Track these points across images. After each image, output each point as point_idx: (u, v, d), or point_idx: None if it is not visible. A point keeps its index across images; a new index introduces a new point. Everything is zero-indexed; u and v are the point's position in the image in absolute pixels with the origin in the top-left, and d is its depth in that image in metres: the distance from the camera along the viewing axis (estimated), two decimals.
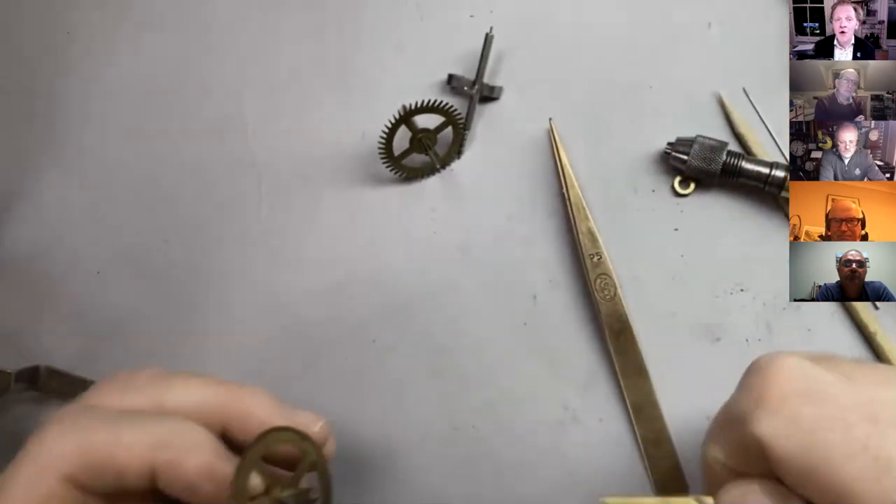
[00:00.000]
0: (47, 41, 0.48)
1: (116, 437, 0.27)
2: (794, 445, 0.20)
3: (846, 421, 0.20)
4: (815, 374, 0.21)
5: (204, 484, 0.27)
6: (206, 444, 0.28)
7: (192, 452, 0.28)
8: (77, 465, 0.27)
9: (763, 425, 0.21)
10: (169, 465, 0.27)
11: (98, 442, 0.27)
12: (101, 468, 0.27)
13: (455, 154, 0.42)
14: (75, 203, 0.46)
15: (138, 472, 0.27)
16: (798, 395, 0.21)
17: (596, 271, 0.39)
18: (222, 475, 0.27)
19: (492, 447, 0.39)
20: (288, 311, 0.42)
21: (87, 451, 0.27)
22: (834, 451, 0.20)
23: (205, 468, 0.27)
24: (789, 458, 0.21)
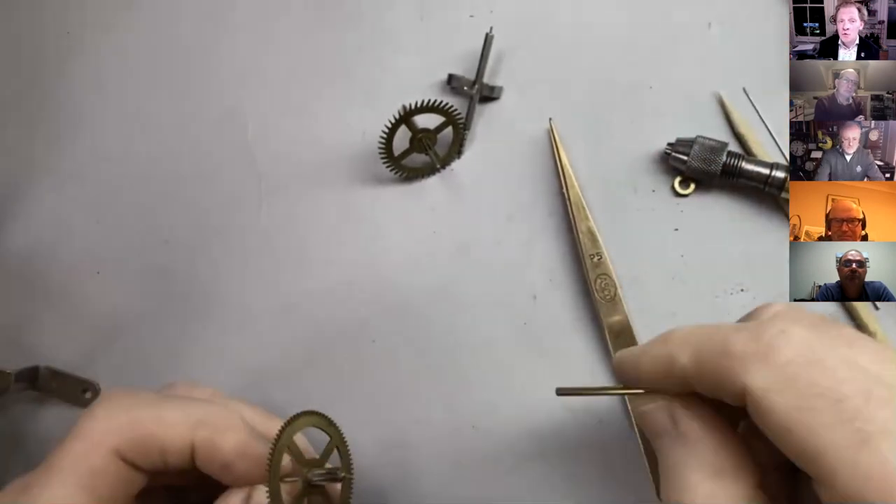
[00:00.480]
0: (47, 41, 0.48)
1: (160, 415, 0.30)
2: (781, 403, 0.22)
3: (840, 392, 0.21)
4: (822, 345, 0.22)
5: (238, 462, 0.30)
6: (240, 426, 0.31)
7: (228, 432, 0.30)
8: (125, 441, 0.29)
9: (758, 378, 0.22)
10: (207, 442, 0.30)
11: (144, 419, 0.30)
12: (147, 444, 0.30)
13: (455, 154, 0.42)
14: (75, 203, 0.46)
15: (180, 449, 0.30)
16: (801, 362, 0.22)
17: (596, 271, 0.39)
18: (255, 454, 0.30)
19: (492, 447, 0.39)
20: (288, 311, 0.42)
21: (134, 428, 0.30)
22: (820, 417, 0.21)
23: (240, 447, 0.30)
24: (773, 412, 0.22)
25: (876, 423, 0.20)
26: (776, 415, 0.22)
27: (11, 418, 0.44)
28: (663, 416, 0.26)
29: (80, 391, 0.44)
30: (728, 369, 0.23)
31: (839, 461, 0.20)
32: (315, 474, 0.30)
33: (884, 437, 0.20)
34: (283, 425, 0.30)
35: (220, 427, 0.30)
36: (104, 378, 0.44)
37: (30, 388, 0.43)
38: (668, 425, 0.26)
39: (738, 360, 0.23)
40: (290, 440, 0.30)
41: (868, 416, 0.20)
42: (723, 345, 0.24)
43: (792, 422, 0.21)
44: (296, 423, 0.30)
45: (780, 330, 0.23)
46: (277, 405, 0.42)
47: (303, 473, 0.30)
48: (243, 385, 0.42)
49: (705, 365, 0.24)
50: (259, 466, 0.30)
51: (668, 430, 0.26)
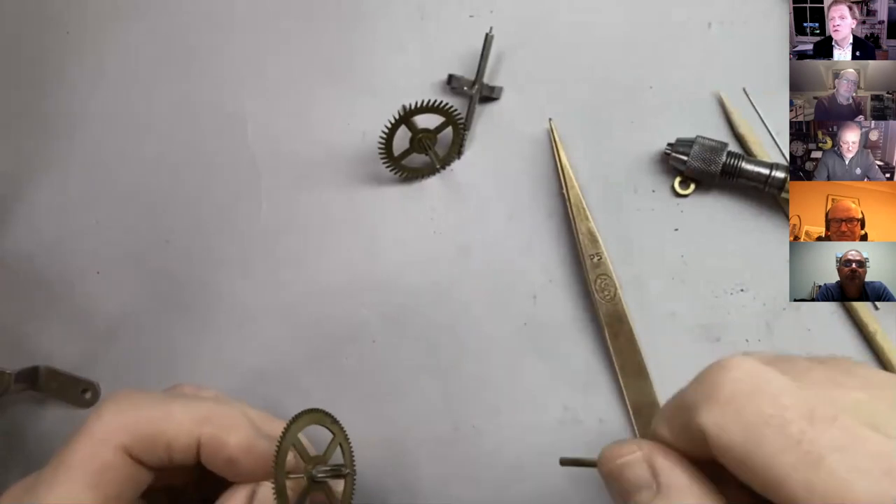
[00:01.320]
0: (46, 41, 0.48)
1: (167, 412, 0.31)
2: (734, 437, 0.22)
3: (784, 418, 0.21)
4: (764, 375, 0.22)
5: (243, 458, 0.30)
6: (245, 423, 0.31)
7: (233, 429, 0.31)
8: (132, 437, 0.30)
9: (709, 417, 0.22)
10: (213, 438, 0.30)
11: (151, 416, 0.31)
12: (154, 440, 0.30)
13: (455, 154, 0.42)
14: (75, 203, 0.46)
15: (186, 445, 0.30)
16: (744, 393, 0.22)
17: (596, 271, 0.39)
18: (260, 451, 0.30)
19: (492, 447, 0.39)
20: (288, 310, 0.42)
21: (141, 424, 0.30)
22: (769, 445, 0.21)
23: (244, 443, 0.30)
24: (730, 448, 0.22)
25: (822, 442, 0.20)
26: (731, 450, 0.22)
27: (11, 418, 0.44)
28: (642, 469, 0.25)
29: (80, 391, 0.44)
30: (686, 419, 0.23)
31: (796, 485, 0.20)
32: (319, 471, 0.31)
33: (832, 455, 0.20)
34: (289, 422, 0.30)
35: (226, 424, 0.31)
36: (104, 378, 0.44)
37: (30, 388, 0.43)
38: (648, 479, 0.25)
39: (691, 407, 0.23)
40: (294, 437, 0.30)
41: (813, 436, 0.21)
42: (679, 400, 0.24)
43: (746, 454, 0.21)
44: (300, 420, 0.31)
45: (720, 367, 0.23)
46: (278, 405, 0.42)
47: (307, 470, 0.31)
48: (243, 385, 0.42)
49: (674, 428, 0.25)
50: (263, 463, 0.30)
51: (649, 483, 0.25)
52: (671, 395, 0.26)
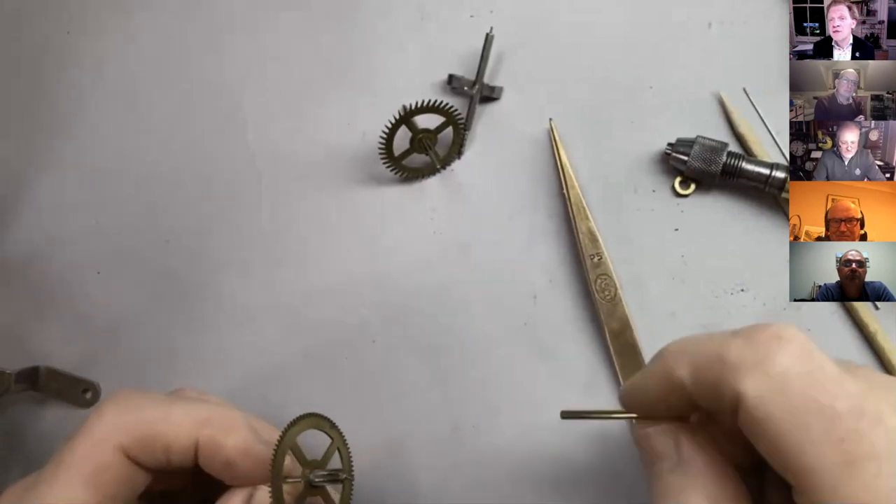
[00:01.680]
0: (46, 41, 0.48)
1: (166, 413, 0.31)
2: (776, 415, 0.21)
3: (833, 409, 0.21)
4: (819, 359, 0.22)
5: (241, 461, 0.30)
6: (244, 426, 0.31)
7: (231, 431, 0.31)
8: (131, 438, 0.30)
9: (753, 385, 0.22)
10: (211, 441, 0.30)
11: (150, 417, 0.30)
12: (152, 442, 0.30)
13: (455, 154, 0.42)
14: (75, 203, 0.46)
15: (184, 447, 0.30)
16: (798, 373, 0.22)
17: (596, 271, 0.39)
18: (258, 454, 0.30)
19: (493, 447, 0.39)
20: (288, 311, 0.42)
21: (140, 425, 0.30)
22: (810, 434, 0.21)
23: (243, 446, 0.30)
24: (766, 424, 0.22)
25: (863, 446, 0.20)
26: (767, 425, 0.22)
27: (11, 418, 0.44)
28: (667, 441, 0.26)
29: (80, 391, 0.44)
30: (723, 376, 0.23)
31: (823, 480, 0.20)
32: (317, 475, 0.31)
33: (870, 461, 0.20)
34: (287, 427, 0.30)
35: (224, 427, 0.31)
36: (104, 378, 0.44)
37: (30, 388, 0.43)
38: (671, 451, 0.26)
39: (733, 366, 0.23)
40: (292, 441, 0.30)
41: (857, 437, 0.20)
42: (718, 352, 0.23)
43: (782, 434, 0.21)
44: (298, 424, 0.30)
45: (776, 336, 0.23)
46: (278, 404, 0.42)
47: (304, 474, 0.31)
48: (243, 384, 0.42)
49: (701, 373, 0.24)
50: (261, 466, 0.30)
51: (671, 455, 0.26)
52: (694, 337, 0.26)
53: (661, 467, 0.26)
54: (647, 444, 0.27)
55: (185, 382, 0.40)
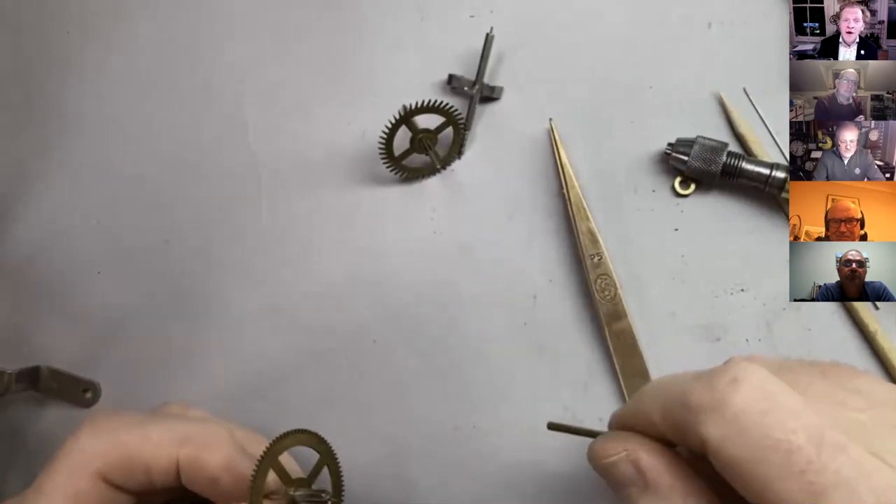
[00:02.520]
0: (46, 41, 0.48)
1: (144, 434, 0.30)
2: (738, 454, 0.22)
3: (791, 444, 0.21)
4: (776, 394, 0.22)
5: (225, 477, 0.30)
6: (227, 442, 0.31)
7: (213, 448, 0.30)
8: (109, 462, 0.29)
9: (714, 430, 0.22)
10: (192, 459, 0.30)
11: (128, 439, 0.30)
12: (131, 464, 0.29)
13: (455, 154, 0.42)
14: (75, 203, 0.46)
15: (165, 468, 0.30)
16: (754, 412, 0.22)
17: (596, 271, 0.39)
18: (241, 470, 0.30)
19: (493, 447, 0.39)
20: (288, 311, 0.42)
21: (118, 448, 0.30)
22: (773, 469, 0.21)
23: (225, 462, 0.30)
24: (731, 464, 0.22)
25: (827, 475, 0.20)
26: (731, 466, 0.22)
27: (11, 418, 0.44)
28: (627, 467, 0.26)
29: (80, 391, 0.44)
30: (686, 421, 0.23)
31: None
32: (300, 494, 0.30)
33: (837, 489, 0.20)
34: (271, 443, 0.29)
35: (206, 443, 0.30)
36: (104, 378, 0.44)
37: (30, 388, 0.43)
38: (634, 475, 0.26)
39: (695, 411, 0.23)
40: (274, 459, 0.29)
41: (819, 467, 0.20)
42: (682, 396, 0.24)
43: (746, 473, 0.21)
44: (283, 441, 0.30)
45: (732, 378, 0.23)
46: (277, 404, 0.42)
47: (286, 493, 0.30)
48: (243, 384, 0.42)
49: (669, 416, 0.24)
50: (245, 483, 0.29)
51: (635, 479, 0.26)
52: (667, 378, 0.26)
53: (629, 492, 0.26)
54: (611, 473, 0.27)
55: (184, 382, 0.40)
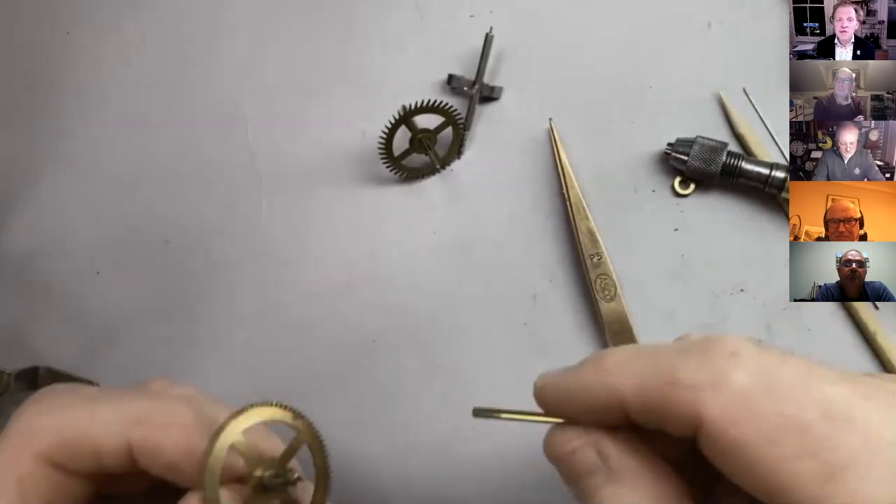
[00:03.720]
0: (46, 41, 0.48)
1: (92, 413, 0.26)
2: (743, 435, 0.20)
3: (803, 419, 0.20)
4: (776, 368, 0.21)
5: (183, 462, 0.26)
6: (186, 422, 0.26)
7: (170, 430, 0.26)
8: (53, 444, 0.26)
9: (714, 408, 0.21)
10: (145, 441, 0.26)
11: (73, 419, 0.26)
12: (77, 446, 0.26)
13: (455, 154, 0.42)
14: (75, 203, 0.46)
15: (115, 450, 0.26)
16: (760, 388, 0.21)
17: (596, 271, 0.39)
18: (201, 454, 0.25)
19: (492, 447, 0.39)
20: (288, 310, 0.42)
21: (63, 429, 0.26)
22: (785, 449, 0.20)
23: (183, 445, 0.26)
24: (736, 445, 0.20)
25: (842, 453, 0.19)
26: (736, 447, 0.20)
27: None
28: (590, 455, 0.24)
29: None
30: (677, 400, 0.21)
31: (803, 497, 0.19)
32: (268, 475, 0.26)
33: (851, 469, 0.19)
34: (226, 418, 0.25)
35: (161, 424, 0.26)
36: (104, 378, 0.44)
37: (30, 388, 0.43)
38: (599, 463, 0.24)
39: (689, 389, 0.21)
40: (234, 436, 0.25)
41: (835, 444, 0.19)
42: (669, 373, 0.22)
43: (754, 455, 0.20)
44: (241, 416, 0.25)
45: (731, 353, 0.21)
46: None
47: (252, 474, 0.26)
48: (242, 384, 0.42)
49: (650, 396, 0.22)
50: None
51: (600, 467, 0.24)
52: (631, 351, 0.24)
53: (592, 482, 0.24)
54: (571, 461, 0.25)
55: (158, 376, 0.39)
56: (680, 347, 0.22)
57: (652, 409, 0.22)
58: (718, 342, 0.22)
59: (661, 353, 0.23)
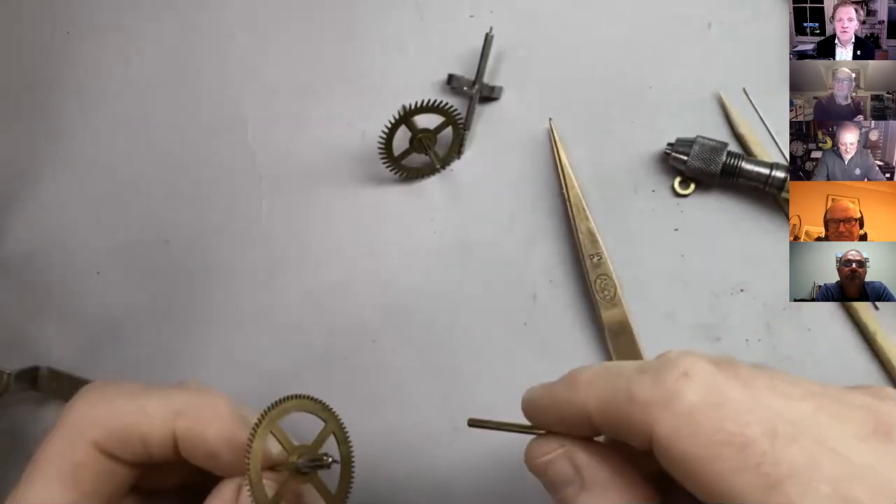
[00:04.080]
0: (46, 41, 0.48)
1: (140, 405, 0.29)
2: (691, 450, 0.21)
3: (745, 436, 0.21)
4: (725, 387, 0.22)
5: (224, 451, 0.29)
6: (226, 414, 0.29)
7: (212, 420, 0.29)
8: (105, 433, 0.29)
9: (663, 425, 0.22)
10: (189, 431, 0.29)
11: (123, 410, 0.29)
12: (127, 435, 0.29)
13: (455, 154, 0.42)
14: (75, 203, 0.46)
15: (161, 440, 0.29)
16: (706, 407, 0.22)
17: (596, 271, 0.39)
18: (241, 442, 0.28)
19: (492, 447, 0.39)
20: (288, 310, 0.42)
21: (114, 419, 0.29)
22: (727, 463, 0.21)
23: (224, 435, 0.29)
24: (683, 460, 0.22)
25: (782, 466, 0.20)
26: (684, 462, 0.22)
27: (11, 418, 0.44)
28: (565, 465, 0.26)
29: None
30: (632, 417, 0.23)
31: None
32: (303, 462, 0.28)
33: (791, 480, 0.20)
34: (267, 408, 0.28)
35: (204, 416, 0.29)
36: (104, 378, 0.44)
37: (30, 388, 0.43)
38: (572, 474, 0.25)
39: (642, 406, 0.23)
40: (273, 425, 0.28)
41: (774, 458, 0.20)
42: (627, 391, 0.23)
43: (699, 469, 0.21)
44: (280, 406, 0.28)
45: (683, 373, 0.22)
46: None
47: (289, 461, 0.28)
48: (243, 385, 0.42)
49: (610, 413, 0.24)
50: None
51: (573, 478, 0.25)
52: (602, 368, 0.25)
53: (567, 492, 0.26)
54: (547, 472, 0.26)
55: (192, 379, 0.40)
56: (639, 366, 0.24)
57: (612, 424, 0.24)
58: (673, 362, 0.23)
59: (623, 372, 0.24)
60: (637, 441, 0.23)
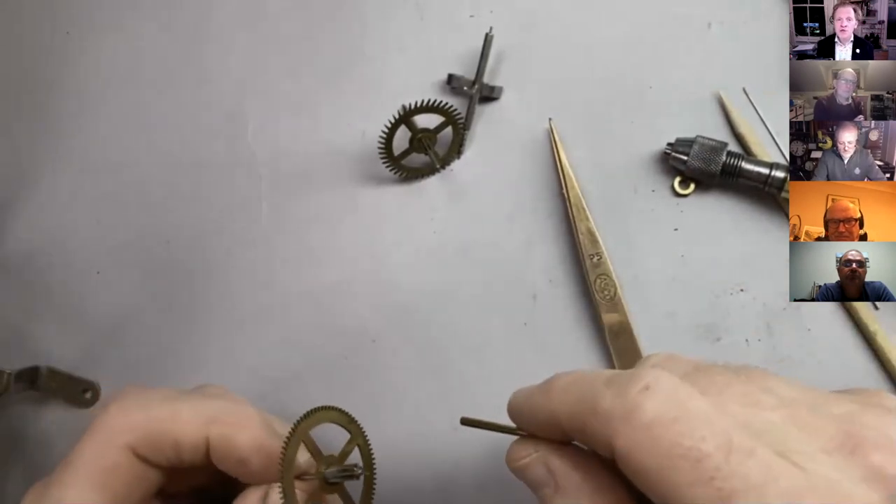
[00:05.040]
0: (46, 41, 0.48)
1: (174, 412, 0.30)
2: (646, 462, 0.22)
3: (700, 451, 0.21)
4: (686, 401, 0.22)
5: (253, 458, 0.30)
6: (256, 421, 0.31)
7: (243, 427, 0.30)
8: (139, 437, 0.30)
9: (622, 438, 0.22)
10: (222, 438, 0.30)
11: (158, 416, 0.30)
12: (161, 440, 0.30)
13: (455, 154, 0.42)
14: (75, 203, 0.46)
15: (194, 445, 0.30)
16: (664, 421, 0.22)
17: (596, 271, 0.39)
18: (271, 450, 0.30)
19: (492, 447, 0.39)
20: (288, 310, 0.42)
21: (148, 424, 0.30)
22: (682, 476, 0.21)
23: (255, 442, 0.30)
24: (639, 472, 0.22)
25: (734, 480, 0.20)
26: (641, 474, 0.22)
27: (11, 418, 0.44)
28: (540, 469, 0.26)
29: (80, 391, 0.44)
30: (595, 428, 0.23)
31: None
32: (332, 472, 0.29)
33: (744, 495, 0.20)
34: (299, 419, 0.29)
35: (236, 423, 0.30)
36: (104, 378, 0.44)
37: (30, 388, 0.43)
38: (547, 477, 0.26)
39: (604, 419, 0.23)
40: (305, 435, 0.29)
41: (728, 473, 0.21)
42: (592, 401, 0.24)
43: (657, 481, 0.22)
44: (312, 416, 0.29)
45: (644, 386, 0.23)
46: (277, 405, 0.42)
47: (319, 471, 0.29)
48: (243, 385, 0.42)
49: (576, 423, 0.24)
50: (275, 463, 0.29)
51: (548, 481, 0.26)
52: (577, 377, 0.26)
53: (543, 493, 0.26)
54: (525, 475, 0.27)
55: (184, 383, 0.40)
56: (608, 378, 0.24)
57: (579, 434, 0.25)
58: (637, 375, 0.23)
59: (594, 382, 0.24)
60: (602, 451, 0.24)
